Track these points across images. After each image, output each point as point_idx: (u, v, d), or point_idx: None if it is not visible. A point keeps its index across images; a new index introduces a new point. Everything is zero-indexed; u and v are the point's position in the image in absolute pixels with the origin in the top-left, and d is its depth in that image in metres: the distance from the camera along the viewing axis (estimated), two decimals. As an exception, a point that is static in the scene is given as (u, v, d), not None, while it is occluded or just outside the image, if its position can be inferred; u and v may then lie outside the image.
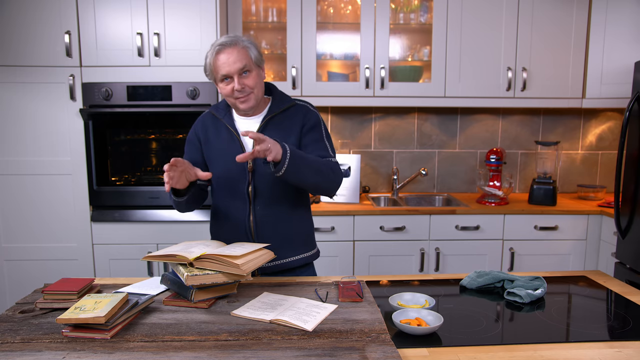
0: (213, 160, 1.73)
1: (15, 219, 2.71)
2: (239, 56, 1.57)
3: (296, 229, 1.75)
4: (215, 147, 1.72)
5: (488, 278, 1.60)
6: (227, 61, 1.57)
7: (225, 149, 1.69)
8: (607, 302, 1.54)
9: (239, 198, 1.69)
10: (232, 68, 1.57)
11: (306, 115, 1.71)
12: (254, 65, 1.61)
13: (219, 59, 1.58)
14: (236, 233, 1.70)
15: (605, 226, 2.81)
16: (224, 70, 1.58)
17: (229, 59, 1.57)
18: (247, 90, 1.61)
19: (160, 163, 2.76)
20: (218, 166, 1.71)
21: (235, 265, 1.34)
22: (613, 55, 2.95)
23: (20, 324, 1.28)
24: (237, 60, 1.57)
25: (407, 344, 1.20)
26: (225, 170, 1.70)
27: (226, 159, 1.68)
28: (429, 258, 2.83)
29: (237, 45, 1.58)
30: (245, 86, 1.59)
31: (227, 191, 1.72)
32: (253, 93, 1.62)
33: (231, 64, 1.57)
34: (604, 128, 3.38)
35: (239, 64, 1.57)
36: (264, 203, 1.68)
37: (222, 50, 1.57)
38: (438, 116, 3.33)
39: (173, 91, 2.65)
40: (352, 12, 3.10)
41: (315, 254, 1.83)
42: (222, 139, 1.71)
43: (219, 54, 1.58)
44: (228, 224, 1.73)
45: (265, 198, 1.68)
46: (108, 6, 2.59)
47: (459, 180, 3.40)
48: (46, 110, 2.64)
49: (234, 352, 1.13)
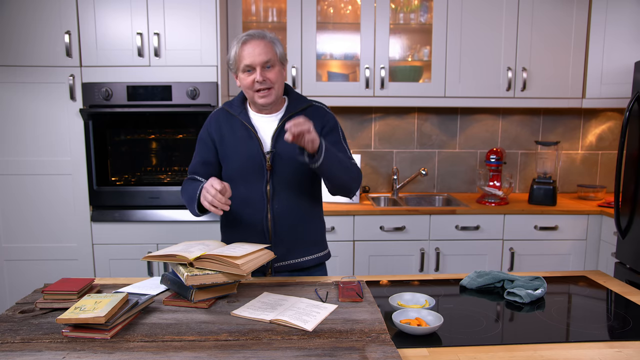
0: (229, 158, 1.69)
1: (15, 219, 2.71)
2: (265, 49, 1.57)
3: (311, 229, 1.75)
4: (231, 144, 1.68)
5: (488, 278, 1.60)
6: (253, 52, 1.56)
7: (242, 146, 1.66)
8: (607, 302, 1.54)
9: (256, 197, 1.66)
10: (256, 59, 1.57)
11: (324, 117, 1.72)
12: (277, 61, 1.61)
13: (244, 49, 1.57)
14: (253, 231, 1.68)
15: (605, 226, 2.81)
16: (248, 60, 1.57)
17: (255, 50, 1.56)
18: (269, 83, 1.60)
19: (160, 163, 2.76)
20: (234, 164, 1.68)
21: (235, 265, 1.34)
22: (613, 55, 2.95)
23: (20, 324, 1.28)
24: (263, 52, 1.57)
25: (407, 344, 1.20)
26: (242, 169, 1.67)
27: (243, 157, 1.66)
28: (429, 258, 2.83)
29: (265, 39, 1.59)
30: (267, 79, 1.59)
31: (242, 190, 1.67)
32: (274, 88, 1.61)
33: (256, 55, 1.56)
34: (604, 128, 3.38)
35: (263, 56, 1.57)
36: (282, 202, 1.66)
37: (249, 40, 1.58)
38: (438, 116, 3.33)
39: (173, 91, 2.65)
40: (352, 12, 3.10)
41: (327, 254, 1.83)
42: (238, 136, 1.68)
43: (245, 44, 1.58)
44: (244, 222, 1.69)
45: (282, 197, 1.66)
46: (108, 6, 2.59)
47: (459, 180, 3.40)
48: (46, 110, 2.64)
49: (234, 352, 1.13)
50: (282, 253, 1.68)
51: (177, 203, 2.72)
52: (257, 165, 1.64)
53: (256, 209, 1.67)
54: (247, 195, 1.67)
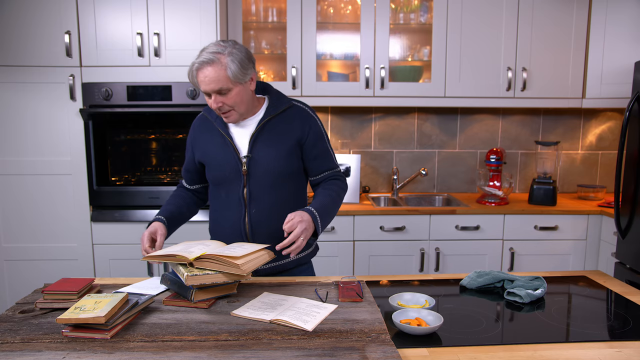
0: (209, 164, 1.73)
1: (15, 219, 2.71)
2: (216, 76, 1.54)
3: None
4: (210, 151, 1.72)
5: (488, 278, 1.60)
6: (204, 80, 1.55)
7: (218, 152, 1.69)
8: (607, 302, 1.54)
9: (234, 201, 1.69)
10: (207, 87, 1.56)
11: (307, 121, 1.71)
12: (232, 84, 1.56)
13: (198, 75, 1.57)
14: (232, 234, 1.70)
15: (605, 226, 2.81)
16: (202, 87, 1.58)
17: (205, 79, 1.55)
18: (226, 107, 1.60)
19: (160, 163, 2.76)
20: (214, 170, 1.72)
21: (235, 265, 1.34)
22: (613, 55, 2.95)
23: (20, 324, 1.28)
24: (213, 81, 1.54)
25: (407, 344, 1.20)
26: (220, 175, 1.70)
27: (220, 162, 1.68)
28: (429, 258, 2.83)
29: (215, 65, 1.53)
30: (224, 104, 1.59)
31: (223, 194, 1.72)
32: (233, 110, 1.61)
33: (207, 84, 1.55)
34: (604, 128, 3.38)
35: (213, 85, 1.55)
36: (259, 206, 1.68)
37: (200, 68, 1.55)
38: (438, 116, 3.33)
39: (173, 91, 2.65)
40: (352, 12, 3.10)
41: (312, 252, 1.82)
42: (215, 142, 1.71)
43: (198, 71, 1.56)
44: (224, 225, 1.73)
45: (260, 201, 1.68)
46: (108, 6, 2.59)
47: (459, 180, 3.40)
48: (46, 110, 2.64)
49: (234, 352, 1.13)
50: None
51: (177, 203, 2.72)
52: (233, 170, 1.67)
53: (234, 212, 1.69)
54: (226, 200, 1.71)
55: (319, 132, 1.72)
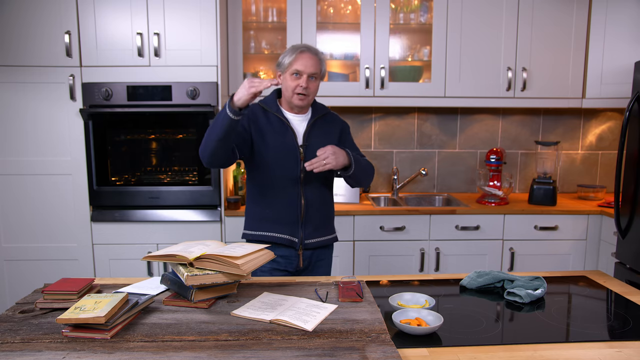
0: (267, 145, 1.89)
1: (15, 219, 2.71)
2: (315, 64, 1.86)
3: (330, 213, 2.05)
4: (269, 134, 1.89)
5: (488, 278, 1.60)
6: (306, 63, 1.84)
7: (279, 136, 1.89)
8: (607, 302, 1.54)
9: (290, 181, 1.90)
10: (307, 69, 1.84)
11: (340, 123, 2.08)
12: (320, 77, 1.91)
13: (300, 57, 1.84)
14: (286, 212, 1.91)
15: (605, 226, 2.81)
16: (300, 67, 1.83)
17: (308, 61, 1.84)
18: (308, 91, 1.87)
19: (160, 163, 2.76)
20: (272, 151, 1.88)
21: (235, 265, 1.34)
22: (613, 55, 2.95)
23: (20, 324, 1.28)
24: (313, 65, 1.85)
25: (407, 344, 1.20)
26: (279, 156, 1.89)
27: (280, 146, 1.88)
28: (429, 258, 2.83)
29: (317, 55, 1.88)
30: (309, 88, 1.87)
31: (279, 174, 1.90)
32: (310, 96, 1.89)
33: (308, 66, 1.84)
34: (604, 128, 3.38)
35: (312, 69, 1.85)
36: (312, 187, 1.94)
37: (305, 52, 1.85)
38: (438, 116, 3.33)
39: (173, 91, 2.65)
40: (352, 12, 3.10)
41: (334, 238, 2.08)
42: (274, 128, 1.90)
43: (302, 53, 1.84)
44: (278, 205, 1.91)
45: (312, 183, 1.93)
46: (108, 6, 2.59)
47: (459, 180, 3.40)
48: (46, 110, 2.64)
49: (234, 352, 1.13)
50: (309, 231, 1.95)
51: (177, 203, 2.72)
52: (292, 155, 1.89)
53: (290, 192, 1.91)
54: (282, 179, 1.91)
55: (348, 130, 2.11)
